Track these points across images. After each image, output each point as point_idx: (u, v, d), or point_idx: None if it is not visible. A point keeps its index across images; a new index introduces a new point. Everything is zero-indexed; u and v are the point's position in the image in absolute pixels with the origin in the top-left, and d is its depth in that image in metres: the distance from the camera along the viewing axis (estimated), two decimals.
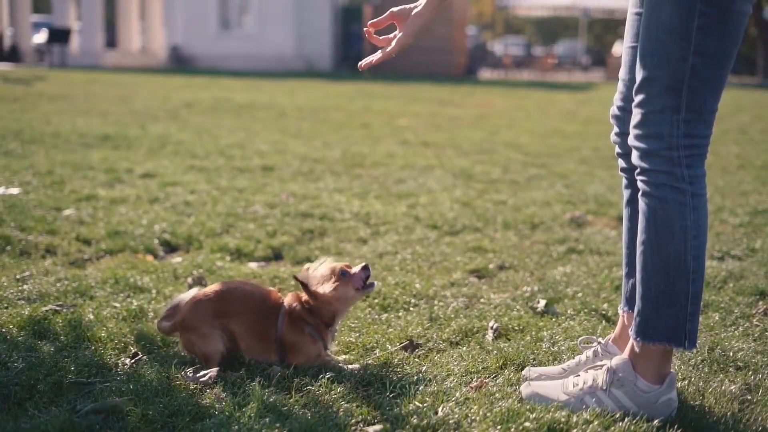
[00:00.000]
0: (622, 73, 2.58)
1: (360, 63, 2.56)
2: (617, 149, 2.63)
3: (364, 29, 2.59)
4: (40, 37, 33.04)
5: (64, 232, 4.43)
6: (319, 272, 2.75)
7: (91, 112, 11.72)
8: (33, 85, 17.62)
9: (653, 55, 2.29)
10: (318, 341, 2.74)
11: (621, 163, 2.63)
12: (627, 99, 2.54)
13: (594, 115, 13.83)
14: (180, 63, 32.78)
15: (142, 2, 34.32)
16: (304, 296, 2.76)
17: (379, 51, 2.56)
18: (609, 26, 46.94)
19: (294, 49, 32.35)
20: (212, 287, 2.82)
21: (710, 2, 2.20)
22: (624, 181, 2.66)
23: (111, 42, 34.99)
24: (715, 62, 2.26)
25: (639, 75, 2.33)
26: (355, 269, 2.75)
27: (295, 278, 2.74)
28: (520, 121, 12.66)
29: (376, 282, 2.80)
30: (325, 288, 2.71)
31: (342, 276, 2.72)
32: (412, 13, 2.51)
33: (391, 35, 2.56)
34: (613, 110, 2.62)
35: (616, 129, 2.62)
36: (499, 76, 31.60)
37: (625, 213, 2.68)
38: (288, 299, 2.80)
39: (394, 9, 2.54)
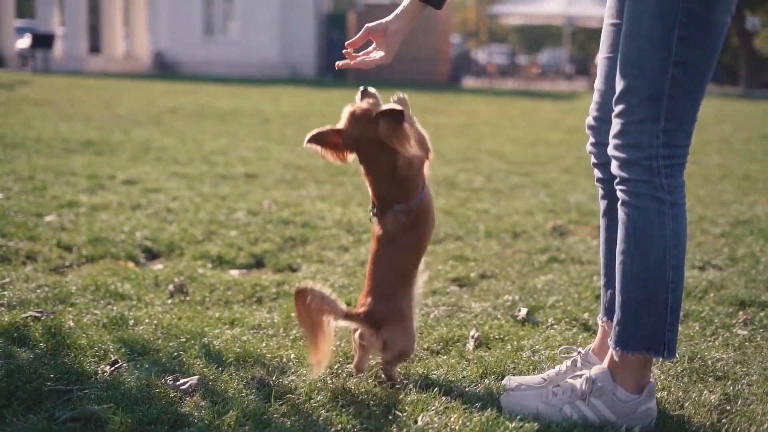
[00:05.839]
0: (598, 84, 2.59)
1: (337, 63, 2.57)
2: (593, 159, 2.64)
3: (344, 51, 2.60)
4: (24, 42, 32.81)
5: (45, 238, 4.41)
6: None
7: (74, 118, 11.67)
8: (16, 89, 17.52)
9: (633, 66, 2.30)
10: None
11: (597, 173, 2.65)
12: (603, 109, 2.56)
13: (577, 124, 13.87)
14: (164, 69, 32.68)
15: (127, 8, 34.17)
16: None
17: (359, 59, 2.58)
18: (593, 35, 47.08)
19: (279, 55, 32.33)
20: None
21: (691, 13, 2.22)
22: (600, 192, 2.67)
23: (95, 47, 34.81)
24: (695, 72, 2.28)
25: (619, 85, 2.35)
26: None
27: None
28: (504, 130, 12.70)
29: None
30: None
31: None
32: (388, 30, 2.51)
33: (370, 48, 2.58)
34: (589, 120, 2.63)
35: (591, 139, 2.63)
36: (482, 84, 31.65)
37: (602, 223, 2.69)
38: None
39: (369, 25, 2.54)
